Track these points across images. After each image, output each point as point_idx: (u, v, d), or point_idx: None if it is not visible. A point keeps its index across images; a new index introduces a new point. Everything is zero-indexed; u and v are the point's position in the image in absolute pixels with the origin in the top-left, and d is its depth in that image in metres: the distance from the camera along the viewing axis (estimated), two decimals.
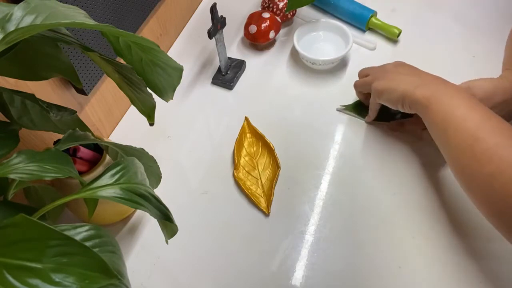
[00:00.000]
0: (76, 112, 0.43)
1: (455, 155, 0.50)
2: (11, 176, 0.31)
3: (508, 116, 0.57)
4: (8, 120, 0.39)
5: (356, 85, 0.67)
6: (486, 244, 0.54)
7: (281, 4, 0.80)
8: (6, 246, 0.24)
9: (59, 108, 0.42)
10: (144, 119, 0.40)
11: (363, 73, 0.66)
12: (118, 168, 0.37)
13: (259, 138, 0.67)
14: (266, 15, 0.77)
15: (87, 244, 0.31)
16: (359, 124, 0.68)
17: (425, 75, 0.57)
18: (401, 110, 0.57)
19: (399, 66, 0.61)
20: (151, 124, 0.41)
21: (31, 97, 0.40)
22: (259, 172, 0.64)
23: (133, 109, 0.72)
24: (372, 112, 0.65)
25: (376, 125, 0.67)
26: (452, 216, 0.57)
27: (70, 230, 0.31)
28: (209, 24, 0.66)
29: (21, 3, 0.27)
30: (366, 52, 0.78)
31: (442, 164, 0.61)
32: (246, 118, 0.69)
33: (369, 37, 0.80)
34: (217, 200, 0.62)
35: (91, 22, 0.28)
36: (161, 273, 0.56)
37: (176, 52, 0.81)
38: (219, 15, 0.66)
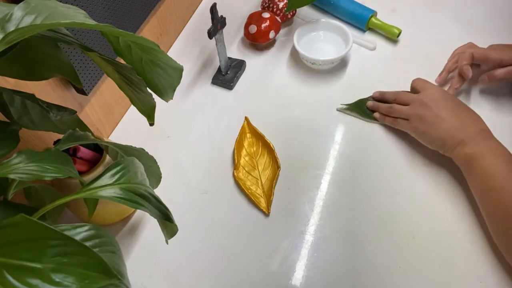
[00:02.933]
0: (76, 112, 0.43)
1: (489, 220, 0.53)
2: (11, 176, 0.31)
3: None
4: (8, 120, 0.39)
5: (392, 111, 0.64)
6: (486, 244, 0.54)
7: (281, 4, 0.80)
8: (6, 246, 0.24)
9: (59, 108, 0.42)
10: (144, 119, 0.40)
11: (404, 99, 0.63)
12: (118, 168, 0.37)
13: (259, 138, 0.67)
14: (266, 15, 0.77)
15: (87, 244, 0.31)
16: (359, 124, 0.68)
17: (468, 123, 0.56)
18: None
19: (441, 107, 0.58)
20: (151, 124, 0.41)
21: (31, 97, 0.40)
22: (259, 172, 0.64)
23: (133, 109, 0.72)
24: (389, 122, 0.65)
25: (376, 125, 0.67)
26: (452, 216, 0.57)
27: (70, 230, 0.31)
28: (209, 24, 0.66)
29: (21, 3, 0.27)
30: (366, 52, 0.78)
31: (442, 164, 0.61)
32: (246, 118, 0.69)
33: (369, 37, 0.80)
34: (217, 200, 0.62)
35: (91, 22, 0.28)
36: (161, 273, 0.56)
37: (176, 52, 0.81)
38: (219, 15, 0.66)
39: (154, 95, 0.39)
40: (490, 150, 0.54)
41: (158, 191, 0.41)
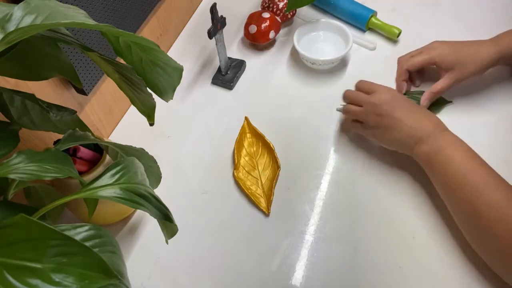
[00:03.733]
0: (76, 112, 0.43)
1: (455, 216, 0.53)
2: (11, 176, 0.31)
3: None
4: (8, 120, 0.39)
5: (347, 111, 0.64)
6: None
7: (281, 4, 0.80)
8: (6, 246, 0.24)
9: (59, 108, 0.42)
10: (144, 119, 0.40)
11: (357, 100, 0.62)
12: (118, 168, 0.37)
13: (259, 138, 0.67)
14: (266, 15, 0.77)
15: (87, 244, 0.31)
16: None
17: (423, 121, 0.56)
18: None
19: (396, 108, 0.58)
20: (151, 124, 0.41)
21: (31, 97, 0.40)
22: (259, 172, 0.64)
23: (133, 109, 0.72)
24: (356, 131, 0.64)
25: None
26: (452, 216, 0.57)
27: (70, 230, 0.31)
28: (209, 24, 0.66)
29: (21, 3, 0.27)
30: (366, 52, 0.78)
31: None
32: (246, 118, 0.69)
33: (369, 37, 0.80)
34: (217, 200, 0.62)
35: (91, 22, 0.28)
36: (161, 273, 0.56)
37: (176, 52, 0.81)
38: (219, 15, 0.66)
39: (154, 95, 0.39)
40: (447, 145, 0.53)
41: (158, 191, 0.41)
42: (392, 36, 0.78)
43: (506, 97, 0.68)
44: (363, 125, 0.61)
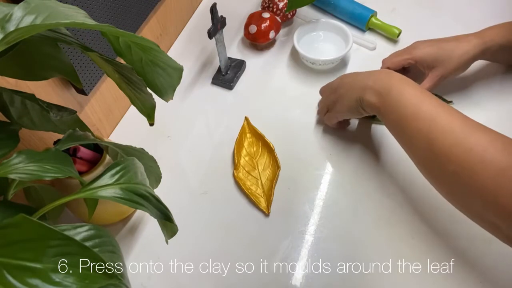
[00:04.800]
0: (76, 112, 0.43)
1: (414, 153, 0.51)
2: (11, 176, 0.31)
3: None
4: (8, 120, 0.39)
5: (319, 112, 0.68)
6: (486, 244, 0.54)
7: (281, 4, 0.80)
8: (6, 246, 0.24)
9: (59, 108, 0.42)
10: (144, 119, 0.40)
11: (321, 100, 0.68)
12: (118, 168, 0.37)
13: (259, 138, 0.67)
14: (266, 15, 0.77)
15: (87, 244, 0.31)
16: (359, 124, 0.68)
17: (371, 73, 0.57)
18: (365, 115, 0.59)
19: (344, 77, 0.62)
20: (151, 124, 0.41)
21: (31, 97, 0.40)
22: (259, 172, 0.64)
23: (133, 109, 0.72)
24: (330, 119, 0.65)
25: (376, 125, 0.67)
26: (452, 216, 0.57)
27: (70, 230, 0.31)
28: (209, 24, 0.66)
29: (21, 3, 0.27)
30: (366, 52, 0.78)
31: None
32: (246, 118, 0.69)
33: (369, 37, 0.80)
34: (217, 200, 0.62)
35: (91, 22, 0.28)
36: (161, 273, 0.56)
37: (176, 52, 0.81)
38: (219, 15, 0.66)
39: (154, 95, 0.39)
40: (396, 83, 0.52)
41: (158, 191, 0.41)
42: (392, 36, 0.78)
43: (507, 96, 0.68)
44: (330, 110, 0.64)
